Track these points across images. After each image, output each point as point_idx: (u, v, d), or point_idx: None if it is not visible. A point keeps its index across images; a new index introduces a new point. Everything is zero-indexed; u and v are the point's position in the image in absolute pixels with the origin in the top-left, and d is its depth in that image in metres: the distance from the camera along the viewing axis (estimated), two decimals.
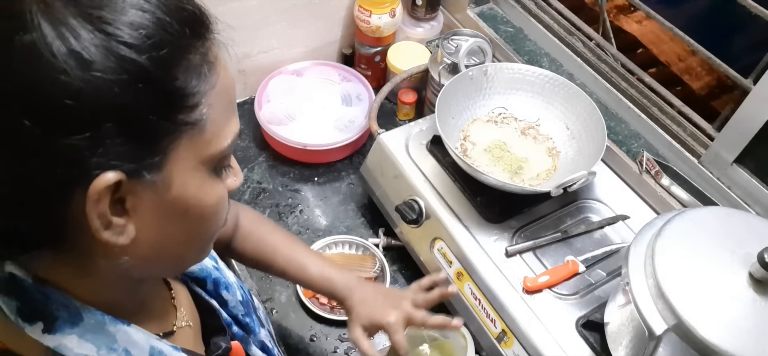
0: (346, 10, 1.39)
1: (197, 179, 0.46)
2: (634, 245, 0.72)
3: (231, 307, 0.69)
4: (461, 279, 0.94)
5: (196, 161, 0.45)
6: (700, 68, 1.39)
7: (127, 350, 0.49)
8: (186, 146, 0.43)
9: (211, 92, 0.44)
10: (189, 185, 0.45)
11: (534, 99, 1.10)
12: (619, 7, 1.48)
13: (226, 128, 0.47)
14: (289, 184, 1.24)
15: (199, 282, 0.66)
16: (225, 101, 0.46)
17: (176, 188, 0.44)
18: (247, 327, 0.70)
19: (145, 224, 0.44)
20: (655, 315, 0.65)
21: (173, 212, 0.45)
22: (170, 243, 0.48)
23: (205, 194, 0.47)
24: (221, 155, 0.47)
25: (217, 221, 0.50)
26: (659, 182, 1.01)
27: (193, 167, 0.45)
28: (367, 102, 1.32)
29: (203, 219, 0.48)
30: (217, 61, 0.46)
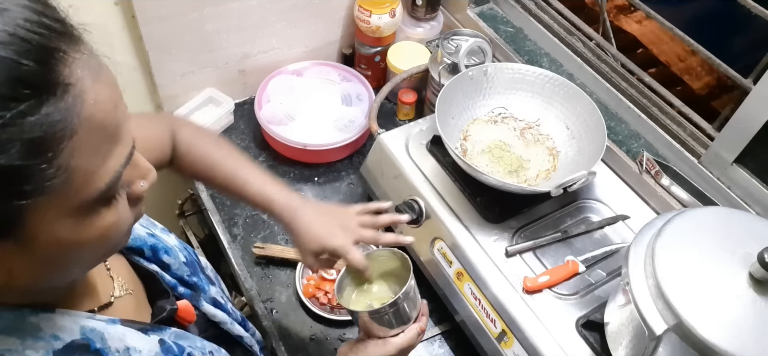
0: (346, 10, 1.39)
1: (69, 225, 0.42)
2: (634, 245, 0.72)
3: (174, 270, 0.68)
4: (461, 279, 0.94)
5: (63, 213, 0.41)
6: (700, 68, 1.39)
7: (56, 335, 0.48)
8: (45, 205, 0.40)
9: (70, 143, 0.39)
10: (59, 234, 0.42)
11: (534, 99, 1.10)
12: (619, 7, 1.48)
13: (101, 168, 0.42)
14: (289, 184, 1.24)
15: (136, 251, 0.66)
16: (96, 140, 0.41)
17: (43, 240, 0.41)
18: (195, 286, 0.70)
19: (18, 266, 0.43)
20: (655, 315, 0.65)
21: (47, 255, 0.43)
22: (56, 270, 0.46)
23: (83, 233, 0.43)
24: (99, 195, 0.43)
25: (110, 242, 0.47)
26: (659, 182, 1.01)
27: (59, 219, 0.41)
28: (367, 102, 1.32)
29: (88, 247, 0.45)
30: (79, 98, 0.39)
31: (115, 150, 0.43)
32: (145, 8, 1.11)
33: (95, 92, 0.41)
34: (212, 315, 0.71)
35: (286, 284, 1.08)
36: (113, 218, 0.45)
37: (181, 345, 0.59)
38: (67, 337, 0.49)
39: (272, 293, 1.07)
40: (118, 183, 0.44)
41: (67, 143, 0.39)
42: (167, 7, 1.14)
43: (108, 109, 0.42)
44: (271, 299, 1.06)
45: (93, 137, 0.41)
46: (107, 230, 0.45)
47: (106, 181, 0.42)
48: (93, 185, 0.42)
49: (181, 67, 1.25)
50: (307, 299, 1.03)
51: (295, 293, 1.06)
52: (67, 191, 0.40)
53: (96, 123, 0.41)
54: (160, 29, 1.16)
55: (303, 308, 1.04)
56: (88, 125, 0.40)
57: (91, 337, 0.50)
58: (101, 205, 0.44)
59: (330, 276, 1.07)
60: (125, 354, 0.52)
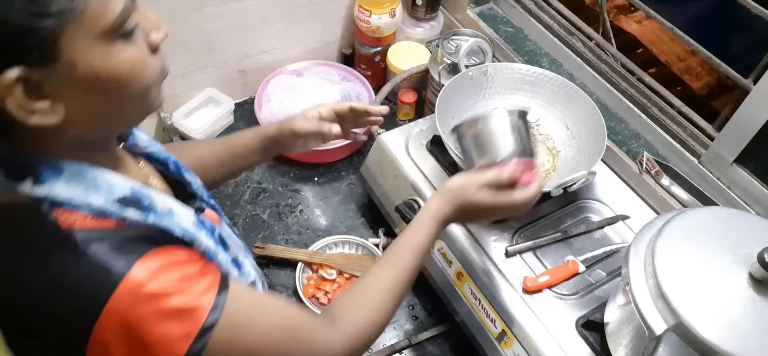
0: (346, 10, 1.39)
1: (100, 53, 0.49)
2: (634, 245, 0.72)
3: (194, 187, 0.74)
4: (461, 279, 0.94)
5: (91, 38, 0.48)
6: (700, 68, 1.39)
7: (111, 188, 0.55)
8: (73, 29, 0.47)
9: None
10: (93, 61, 0.49)
11: (534, 99, 1.10)
12: (619, 7, 1.48)
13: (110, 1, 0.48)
14: (289, 184, 1.24)
15: (161, 163, 0.72)
16: None
17: (82, 68, 0.48)
18: (214, 207, 0.75)
19: (69, 103, 0.50)
20: (655, 315, 0.65)
21: (90, 86, 0.50)
22: (104, 110, 0.53)
23: (114, 63, 0.50)
24: (117, 23, 0.49)
25: (141, 81, 0.54)
26: (659, 182, 1.01)
27: (90, 45, 0.48)
28: (367, 102, 1.32)
29: (124, 84, 0.52)
30: None
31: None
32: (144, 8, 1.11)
33: None
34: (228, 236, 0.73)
35: (286, 284, 1.08)
36: (136, 53, 0.52)
37: (213, 225, 0.64)
38: (120, 192, 0.55)
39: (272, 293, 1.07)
40: (131, 17, 0.51)
41: None
42: (167, 7, 1.14)
43: None
44: None
45: None
46: (135, 64, 0.52)
47: (117, 10, 0.49)
48: (107, 12, 0.48)
49: (181, 67, 1.25)
50: (307, 299, 1.03)
51: (295, 293, 1.05)
52: (87, 18, 0.47)
53: None
54: None
55: None
56: None
57: (141, 195, 0.56)
58: (123, 38, 0.50)
59: (330, 275, 1.08)
60: (169, 215, 0.58)
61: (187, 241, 0.57)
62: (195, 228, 0.59)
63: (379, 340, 1.00)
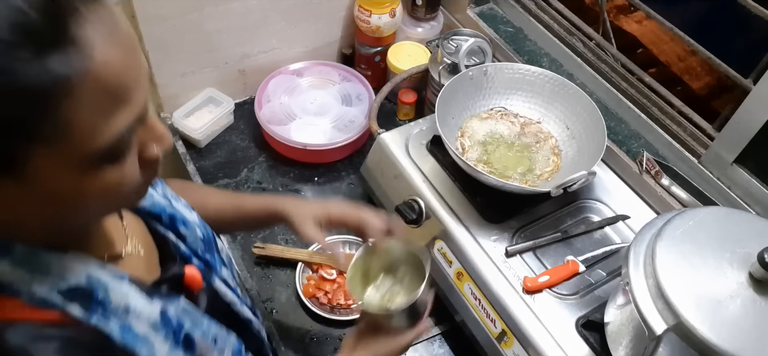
0: (346, 10, 1.39)
1: (70, 176, 0.43)
2: (634, 245, 0.72)
3: (189, 242, 0.69)
4: (461, 279, 0.94)
5: (64, 162, 0.42)
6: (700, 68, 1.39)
7: (62, 276, 0.49)
8: (45, 152, 0.41)
9: (70, 98, 0.39)
10: (60, 182, 0.43)
11: (534, 99, 1.10)
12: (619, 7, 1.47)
13: (103, 126, 0.42)
14: (289, 184, 1.24)
15: (154, 216, 0.66)
16: (100, 99, 0.41)
17: (44, 185, 0.43)
18: (208, 263, 0.71)
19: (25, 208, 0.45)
20: (655, 315, 0.65)
21: (49, 200, 0.45)
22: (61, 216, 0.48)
23: (84, 185, 0.44)
24: (101, 152, 0.43)
25: (117, 198, 0.49)
26: (659, 182, 1.01)
27: (61, 167, 0.42)
28: (367, 102, 1.32)
29: (92, 201, 0.47)
30: (86, 56, 0.40)
31: (121, 111, 0.43)
32: (145, 8, 1.11)
33: (105, 53, 0.41)
34: (223, 294, 0.71)
35: (286, 284, 1.08)
36: (117, 176, 0.46)
37: (181, 322, 0.58)
38: (73, 280, 0.50)
39: (272, 293, 1.07)
40: (124, 143, 0.45)
41: (68, 98, 0.39)
42: (167, 7, 1.14)
43: (117, 71, 0.42)
44: (271, 299, 1.06)
45: (98, 96, 0.41)
46: (110, 187, 0.46)
47: (107, 139, 0.42)
48: (93, 141, 0.42)
49: (181, 67, 1.25)
50: (307, 299, 1.03)
51: (295, 293, 1.05)
52: (66, 143, 0.41)
53: (101, 83, 0.41)
54: (160, 29, 1.16)
55: (303, 308, 1.04)
56: (93, 84, 0.40)
57: (96, 286, 0.51)
58: (105, 161, 0.44)
59: (330, 275, 1.08)
60: (124, 313, 0.52)
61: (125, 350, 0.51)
62: (151, 330, 0.54)
63: None
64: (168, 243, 0.67)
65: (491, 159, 1.04)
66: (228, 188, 1.22)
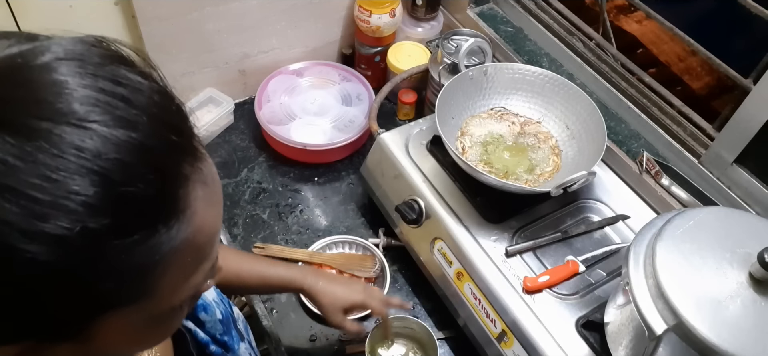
0: (346, 10, 1.39)
1: (134, 331, 0.39)
2: (634, 245, 0.72)
3: (208, 327, 0.67)
4: (461, 279, 0.94)
5: (134, 320, 0.38)
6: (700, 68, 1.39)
7: None
8: (116, 315, 0.36)
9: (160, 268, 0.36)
10: (123, 337, 0.38)
11: (534, 99, 1.10)
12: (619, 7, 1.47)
13: (185, 283, 0.39)
14: (289, 184, 1.24)
15: None
16: (189, 262, 0.38)
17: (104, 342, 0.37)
18: (225, 345, 0.69)
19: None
20: (655, 315, 0.65)
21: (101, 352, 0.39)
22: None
23: (145, 336, 0.41)
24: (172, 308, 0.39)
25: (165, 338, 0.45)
26: (659, 182, 1.01)
27: (128, 325, 0.38)
28: (367, 102, 1.32)
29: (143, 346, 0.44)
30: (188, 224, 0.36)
31: (202, 266, 0.40)
32: (145, 8, 1.11)
33: (205, 215, 0.37)
34: None
35: None
36: (176, 321, 0.43)
37: None
38: None
39: None
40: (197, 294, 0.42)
41: (164, 266, 0.36)
42: (167, 7, 1.14)
43: (212, 231, 0.39)
44: (271, 299, 1.06)
45: (189, 257, 0.38)
46: (167, 332, 0.44)
47: (185, 296, 0.40)
48: (173, 299, 0.39)
49: (181, 67, 1.25)
50: (307, 299, 1.03)
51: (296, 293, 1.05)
52: (145, 306, 0.37)
53: (194, 246, 0.37)
54: (160, 29, 1.16)
55: (303, 308, 1.04)
56: (189, 247, 0.37)
57: None
58: (171, 314, 0.41)
59: None
60: None
61: None
62: None
63: None
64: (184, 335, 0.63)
65: (491, 159, 1.04)
66: (228, 188, 1.22)
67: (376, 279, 1.09)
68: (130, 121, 0.33)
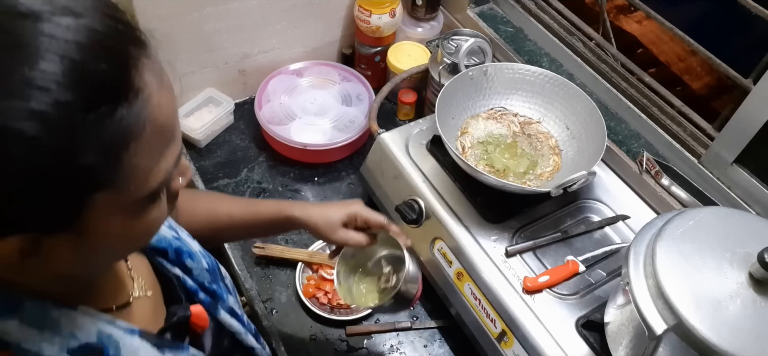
0: (346, 10, 1.39)
1: (121, 219, 0.44)
2: (634, 245, 0.72)
3: (195, 275, 0.69)
4: (461, 279, 0.94)
5: (118, 207, 0.43)
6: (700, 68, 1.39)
7: (73, 334, 0.49)
8: (103, 200, 0.41)
9: (135, 144, 0.41)
10: (111, 227, 0.44)
11: (534, 99, 1.10)
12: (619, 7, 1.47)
13: (156, 167, 0.44)
14: (289, 184, 1.24)
15: (160, 253, 0.66)
16: (157, 142, 0.43)
17: (96, 232, 0.43)
18: (214, 294, 0.71)
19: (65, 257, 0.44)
20: (655, 315, 0.65)
21: (94, 246, 0.45)
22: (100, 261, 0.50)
23: (132, 226, 0.46)
24: (150, 194, 0.45)
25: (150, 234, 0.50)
26: (659, 182, 1.01)
27: (115, 213, 0.43)
28: (367, 102, 1.32)
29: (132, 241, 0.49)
30: (147, 102, 0.41)
31: (170, 151, 0.45)
32: (145, 8, 1.11)
33: (160, 96, 0.43)
34: (228, 325, 0.71)
35: (286, 284, 1.08)
36: (157, 213, 0.47)
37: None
38: (83, 338, 0.49)
39: (272, 293, 1.07)
40: (169, 180, 0.47)
41: (133, 145, 0.41)
42: (167, 7, 1.14)
43: (169, 112, 0.44)
44: (271, 299, 1.06)
45: (154, 139, 0.43)
46: (151, 225, 0.48)
47: (159, 180, 0.45)
48: (148, 183, 0.44)
49: (181, 67, 1.25)
50: (307, 299, 1.03)
51: (295, 293, 1.06)
52: (125, 188, 0.42)
53: (158, 126, 0.43)
54: (160, 29, 1.15)
55: (303, 308, 1.04)
56: (151, 128, 0.42)
57: (107, 343, 0.51)
58: (150, 202, 0.46)
59: (330, 275, 1.07)
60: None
61: None
62: None
63: (383, 318, 1.03)
64: (171, 280, 0.66)
65: (491, 159, 1.04)
66: (228, 188, 1.22)
67: None
68: (77, 11, 0.39)
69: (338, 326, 1.03)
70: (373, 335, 1.02)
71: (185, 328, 0.63)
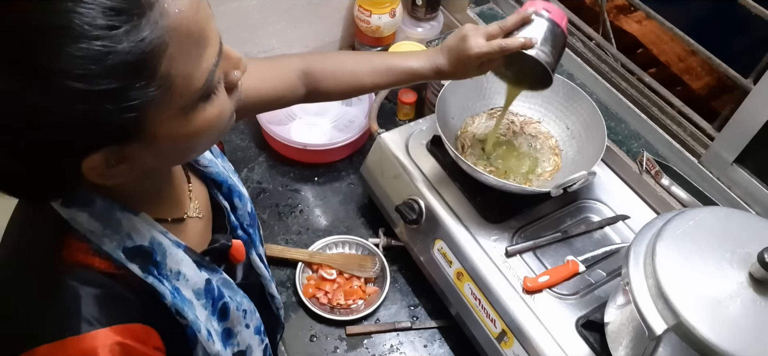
0: (346, 10, 1.39)
1: (181, 121, 0.49)
2: (634, 245, 0.72)
3: (239, 214, 0.76)
4: (461, 279, 0.94)
5: (175, 111, 0.48)
6: (700, 68, 1.39)
7: (130, 235, 0.55)
8: (157, 111, 0.46)
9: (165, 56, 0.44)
10: (175, 130, 0.49)
11: (534, 99, 1.10)
12: (619, 7, 1.48)
13: (197, 70, 0.47)
14: (289, 184, 1.24)
15: (217, 185, 0.73)
16: (187, 46, 0.46)
17: (164, 137, 0.48)
18: (250, 236, 0.77)
19: (146, 160, 0.50)
20: (655, 315, 0.65)
21: (169, 146, 0.50)
22: (177, 156, 0.56)
23: (195, 125, 0.50)
24: (200, 93, 0.49)
25: (219, 128, 0.54)
26: (659, 182, 1.01)
27: (173, 117, 0.48)
28: (367, 102, 1.32)
29: (202, 137, 0.53)
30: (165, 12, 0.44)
31: (205, 52, 0.48)
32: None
33: (177, 2, 0.45)
34: (257, 267, 0.79)
35: (286, 284, 1.08)
36: (216, 110, 0.51)
37: (222, 292, 0.65)
38: (138, 240, 0.56)
39: None
40: (214, 80, 0.50)
41: (163, 57, 0.44)
42: None
43: (191, 15, 0.46)
44: None
45: (183, 45, 0.45)
46: (213, 120, 0.52)
47: (202, 81, 0.48)
48: (192, 86, 0.47)
49: None
50: (307, 299, 1.03)
51: (295, 293, 1.06)
52: (171, 96, 0.46)
53: (183, 31, 0.45)
54: None
55: (303, 308, 1.04)
56: (177, 35, 0.44)
57: (156, 249, 0.57)
58: (203, 101, 0.50)
59: (330, 275, 1.08)
60: (176, 275, 0.59)
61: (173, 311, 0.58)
62: (194, 297, 0.60)
63: (383, 317, 1.02)
64: (222, 212, 0.74)
65: (491, 159, 1.04)
66: None
67: (376, 279, 1.09)
68: None
69: (338, 326, 1.03)
70: (373, 335, 1.02)
71: (224, 256, 0.70)
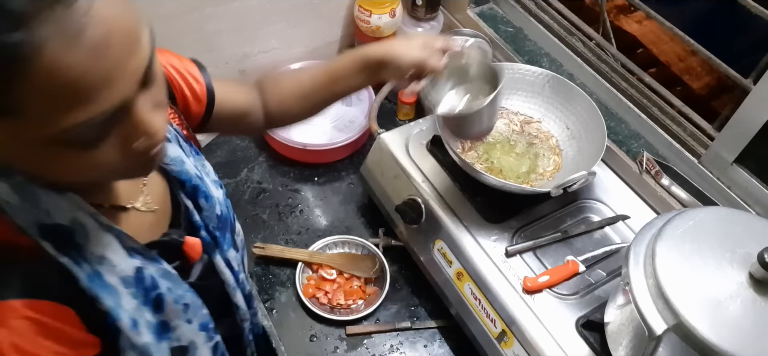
0: (346, 10, 1.39)
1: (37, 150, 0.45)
2: (634, 245, 0.72)
3: (205, 215, 0.71)
4: (461, 279, 0.94)
5: (26, 138, 0.44)
6: (700, 68, 1.38)
7: (48, 212, 0.52)
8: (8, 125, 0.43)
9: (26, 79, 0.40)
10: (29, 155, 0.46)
11: (534, 99, 1.10)
12: (619, 7, 1.47)
13: (60, 116, 0.43)
14: (289, 184, 1.24)
15: (179, 183, 0.69)
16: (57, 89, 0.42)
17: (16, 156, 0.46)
18: (216, 239, 0.72)
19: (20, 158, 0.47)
20: (655, 315, 0.65)
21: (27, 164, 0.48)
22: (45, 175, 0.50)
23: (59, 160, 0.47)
24: (60, 139, 0.44)
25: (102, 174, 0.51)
26: (659, 182, 1.01)
27: (26, 142, 0.45)
28: (367, 102, 1.32)
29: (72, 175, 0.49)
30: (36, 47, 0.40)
31: (81, 108, 0.43)
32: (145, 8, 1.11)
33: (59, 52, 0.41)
34: (220, 271, 0.73)
35: (286, 284, 1.08)
36: (90, 160, 0.47)
37: (156, 283, 0.60)
38: (57, 218, 0.52)
39: (272, 293, 1.07)
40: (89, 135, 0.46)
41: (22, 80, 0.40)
42: (167, 7, 1.14)
43: (74, 72, 0.42)
44: (272, 298, 1.06)
45: (51, 89, 0.41)
46: (85, 167, 0.48)
47: (62, 129, 0.43)
48: (47, 127, 0.43)
49: None
50: (307, 299, 1.03)
51: (295, 293, 1.06)
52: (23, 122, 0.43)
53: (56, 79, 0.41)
54: (160, 29, 1.15)
55: (303, 308, 1.04)
56: (46, 77, 0.41)
57: (78, 230, 0.54)
58: (71, 146, 0.46)
59: (330, 275, 1.08)
60: (98, 260, 0.55)
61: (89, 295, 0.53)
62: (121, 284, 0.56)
63: (383, 318, 1.02)
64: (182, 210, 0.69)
65: (491, 159, 1.04)
66: (227, 188, 1.22)
67: (376, 279, 1.09)
68: None
69: (338, 326, 1.03)
70: (373, 335, 1.02)
71: (177, 252, 0.66)
